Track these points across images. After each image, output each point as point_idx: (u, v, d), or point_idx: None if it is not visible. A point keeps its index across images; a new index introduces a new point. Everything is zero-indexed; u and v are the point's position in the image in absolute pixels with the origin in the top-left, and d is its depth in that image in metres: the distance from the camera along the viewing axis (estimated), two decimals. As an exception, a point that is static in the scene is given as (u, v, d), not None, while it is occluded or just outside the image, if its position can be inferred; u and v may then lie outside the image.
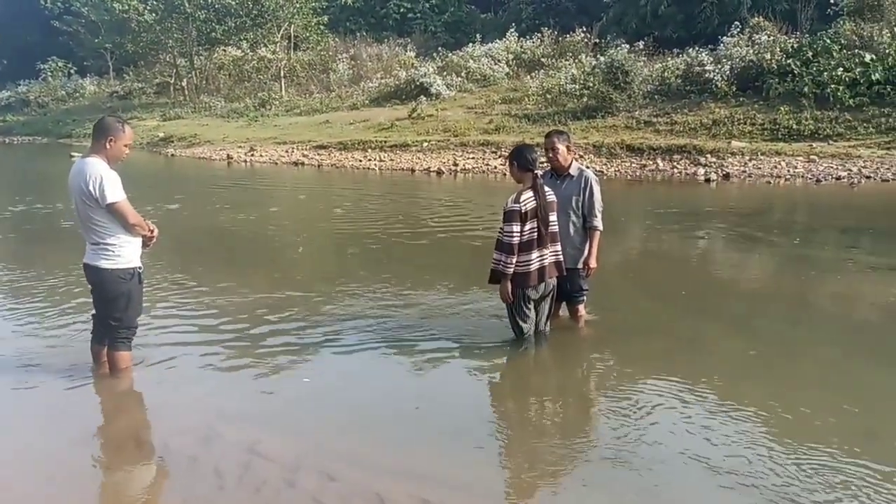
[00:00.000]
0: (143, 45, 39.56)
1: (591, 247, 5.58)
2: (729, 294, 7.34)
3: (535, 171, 5.13)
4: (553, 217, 5.18)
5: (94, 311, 4.94)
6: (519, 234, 5.02)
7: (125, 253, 4.68)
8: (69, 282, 7.20)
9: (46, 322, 6.23)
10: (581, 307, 5.79)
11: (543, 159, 5.49)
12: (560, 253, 5.28)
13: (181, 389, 4.87)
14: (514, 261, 5.05)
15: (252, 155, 23.73)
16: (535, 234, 5.07)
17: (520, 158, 5.15)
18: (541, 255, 5.13)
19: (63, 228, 10.95)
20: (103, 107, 38.98)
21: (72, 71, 48.94)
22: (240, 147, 24.99)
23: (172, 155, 26.44)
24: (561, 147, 5.53)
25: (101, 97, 44.40)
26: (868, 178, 14.50)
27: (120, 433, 4.35)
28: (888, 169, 14.69)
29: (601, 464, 3.78)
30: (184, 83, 39.80)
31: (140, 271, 4.79)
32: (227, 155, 24.16)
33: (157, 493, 3.71)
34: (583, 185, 5.54)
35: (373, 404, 4.59)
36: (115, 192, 4.53)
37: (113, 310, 4.74)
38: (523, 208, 5.02)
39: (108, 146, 4.61)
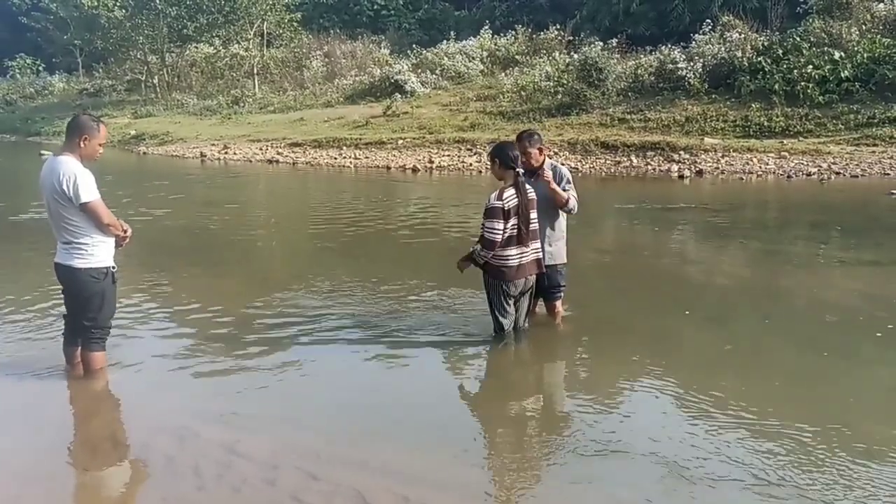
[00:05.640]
0: (113, 42, 39.09)
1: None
2: (703, 289, 7.42)
3: (517, 170, 5.12)
4: (534, 214, 5.18)
5: (65, 312, 4.88)
6: (502, 231, 5.02)
7: (98, 252, 4.62)
8: (40, 282, 7.07)
9: (17, 324, 6.12)
10: (559, 303, 5.81)
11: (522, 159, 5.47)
12: (539, 250, 5.30)
13: (157, 389, 4.82)
14: (492, 255, 5.07)
15: (226, 153, 23.54)
16: (516, 231, 5.08)
17: (502, 156, 5.13)
18: (521, 253, 5.14)
19: (31, 227, 10.77)
20: (73, 104, 38.44)
21: (40, 68, 48.24)
22: (213, 145, 24.77)
23: (144, 153, 26.14)
24: (533, 151, 5.48)
25: (70, 94, 43.78)
26: (838, 174, 14.73)
27: (96, 434, 4.29)
28: (857, 165, 14.94)
29: (580, 459, 3.80)
30: (155, 80, 39.37)
31: (114, 271, 4.72)
32: (201, 153, 23.94)
33: (135, 493, 3.67)
34: (558, 179, 5.53)
35: (352, 402, 4.57)
36: (88, 191, 4.47)
37: (86, 310, 4.67)
38: (506, 206, 5.02)
39: (81, 145, 4.55)
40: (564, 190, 5.49)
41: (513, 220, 5.06)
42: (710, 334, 5.81)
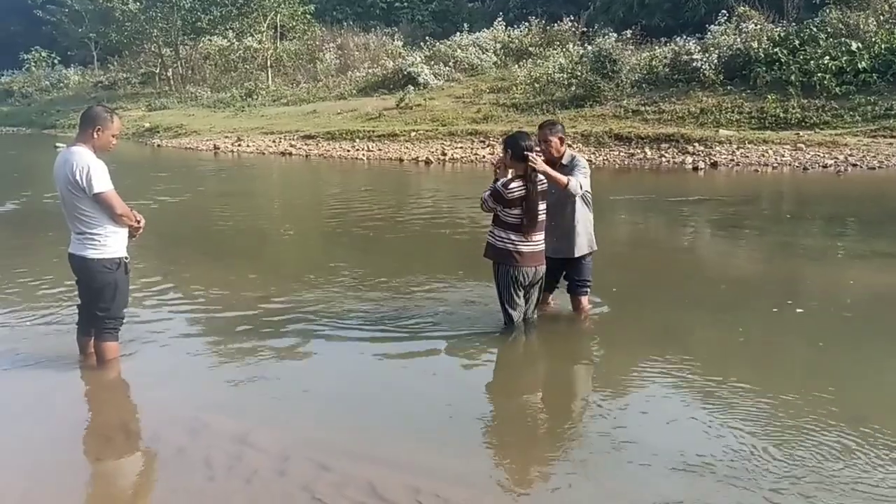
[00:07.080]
0: (127, 35, 39.24)
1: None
2: (718, 281, 7.34)
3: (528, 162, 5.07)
4: (542, 206, 5.13)
5: (79, 302, 4.90)
6: (494, 209, 5.13)
7: (111, 243, 4.63)
8: (54, 272, 7.12)
9: (32, 313, 6.15)
10: (585, 299, 5.71)
11: (537, 148, 5.41)
12: (543, 242, 5.24)
13: (169, 380, 4.84)
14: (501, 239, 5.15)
15: (239, 145, 23.61)
16: (519, 221, 5.07)
17: (515, 147, 5.08)
18: (527, 241, 5.12)
19: (46, 218, 10.83)
20: (88, 97, 38.61)
21: (55, 61, 48.43)
22: (227, 137, 24.85)
23: (159, 145, 26.26)
24: (554, 139, 5.44)
25: (85, 87, 44.00)
26: (854, 166, 14.59)
27: (108, 424, 4.31)
28: (874, 157, 14.79)
29: (591, 452, 3.78)
30: (169, 73, 39.52)
31: (126, 261, 4.73)
32: (214, 145, 24.03)
33: (147, 484, 3.69)
34: (571, 167, 5.46)
35: (362, 394, 4.57)
36: (102, 181, 4.48)
37: (99, 300, 4.69)
38: (508, 196, 5.02)
39: (95, 136, 4.55)
40: (572, 175, 5.35)
41: (517, 210, 5.04)
42: (724, 327, 5.75)
